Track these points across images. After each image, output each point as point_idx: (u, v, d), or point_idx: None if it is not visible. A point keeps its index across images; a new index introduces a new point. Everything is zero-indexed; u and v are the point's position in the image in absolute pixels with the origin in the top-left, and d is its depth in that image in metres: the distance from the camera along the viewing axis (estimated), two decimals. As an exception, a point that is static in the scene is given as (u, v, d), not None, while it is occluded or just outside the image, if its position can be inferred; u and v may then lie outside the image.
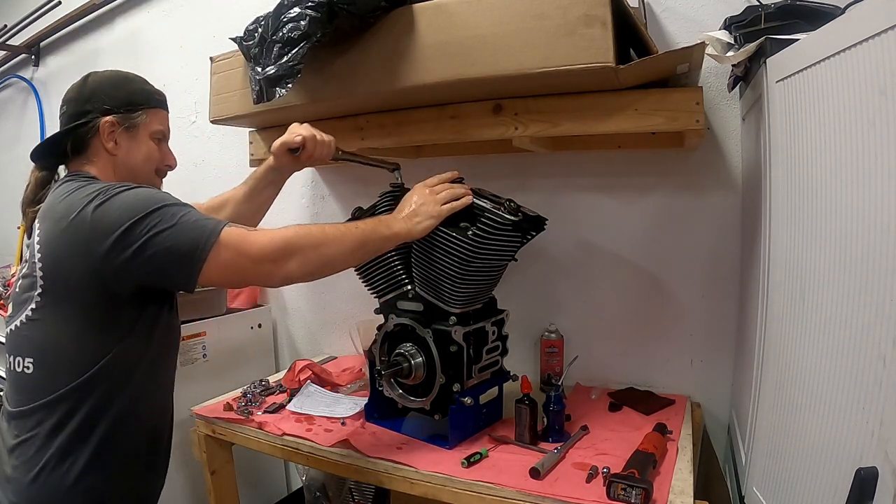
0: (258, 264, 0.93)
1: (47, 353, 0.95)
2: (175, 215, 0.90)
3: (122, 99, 1.05)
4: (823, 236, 0.78)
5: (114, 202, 0.90)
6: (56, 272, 0.93)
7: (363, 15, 1.15)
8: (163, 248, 0.88)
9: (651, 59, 1.05)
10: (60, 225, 0.92)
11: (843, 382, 0.71)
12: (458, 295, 1.17)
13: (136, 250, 0.88)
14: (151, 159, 1.10)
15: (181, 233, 0.89)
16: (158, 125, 1.10)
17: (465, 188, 1.17)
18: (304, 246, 0.96)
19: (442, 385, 1.19)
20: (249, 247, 0.93)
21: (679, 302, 1.49)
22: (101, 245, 0.88)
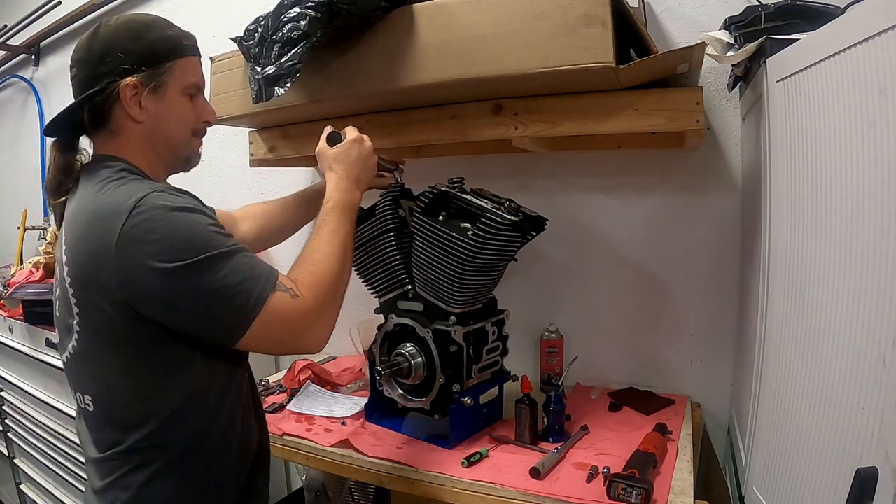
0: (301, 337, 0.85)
1: (102, 391, 0.85)
2: (221, 270, 0.77)
3: (142, 53, 0.86)
4: (823, 236, 0.78)
5: (159, 226, 0.76)
6: (88, 300, 0.80)
7: (363, 15, 1.15)
8: (200, 310, 0.78)
9: (651, 59, 1.05)
10: (86, 244, 0.79)
11: (843, 382, 0.71)
12: (459, 295, 1.17)
13: (173, 299, 0.77)
14: (186, 120, 0.93)
15: (224, 299, 0.78)
16: (191, 76, 0.92)
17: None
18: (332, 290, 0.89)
19: (442, 385, 1.19)
20: (291, 321, 0.83)
21: (679, 302, 1.49)
22: (128, 286, 0.76)
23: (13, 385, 2.17)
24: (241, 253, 0.81)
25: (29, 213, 2.69)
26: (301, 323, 0.84)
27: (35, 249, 2.37)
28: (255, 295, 0.79)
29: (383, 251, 1.28)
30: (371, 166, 1.09)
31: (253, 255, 0.84)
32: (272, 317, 0.80)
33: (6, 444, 2.32)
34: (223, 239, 0.81)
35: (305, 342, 0.87)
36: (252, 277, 0.80)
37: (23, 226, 2.64)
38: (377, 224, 1.28)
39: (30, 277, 2.06)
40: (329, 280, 0.89)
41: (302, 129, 1.52)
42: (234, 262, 0.79)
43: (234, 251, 0.80)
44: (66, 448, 1.90)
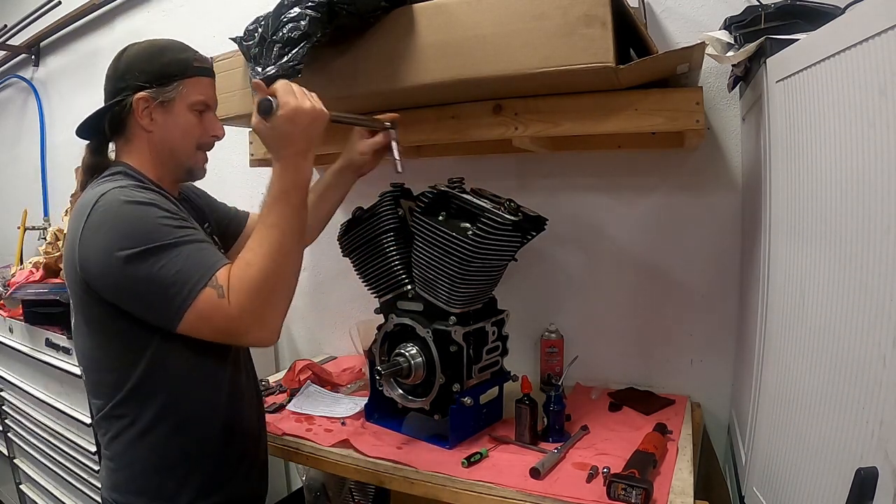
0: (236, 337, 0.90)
1: (87, 363, 0.98)
2: (159, 261, 0.84)
3: (154, 72, 0.97)
4: (823, 236, 0.78)
5: (103, 224, 0.86)
6: (70, 285, 0.94)
7: (363, 15, 1.15)
8: (138, 295, 0.86)
9: (651, 59, 1.05)
10: (67, 236, 0.93)
11: (843, 382, 0.71)
12: (458, 295, 1.17)
13: (114, 288, 0.87)
14: (190, 134, 1.01)
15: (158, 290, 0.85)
16: (198, 95, 1.00)
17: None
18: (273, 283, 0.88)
19: (442, 385, 1.19)
20: (220, 323, 0.86)
21: (679, 302, 1.49)
22: (86, 270, 0.88)
23: (13, 385, 2.17)
24: (185, 245, 0.87)
25: (29, 213, 2.69)
26: (227, 326, 0.87)
27: (35, 249, 2.37)
28: (187, 289, 0.85)
29: (383, 251, 1.28)
30: (319, 128, 0.93)
31: (201, 248, 0.89)
32: (200, 314, 0.86)
33: (6, 444, 2.32)
34: (170, 230, 0.87)
35: (241, 341, 0.93)
36: (187, 270, 0.85)
37: (23, 226, 2.64)
38: (377, 224, 1.28)
39: (30, 277, 2.06)
40: (258, 283, 0.86)
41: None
42: (174, 254, 0.85)
43: (178, 242, 0.86)
44: (66, 448, 1.90)
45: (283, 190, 0.91)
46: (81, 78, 2.64)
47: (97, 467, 1.76)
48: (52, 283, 2.00)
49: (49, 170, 2.95)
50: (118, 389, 0.94)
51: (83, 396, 1.73)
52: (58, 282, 2.01)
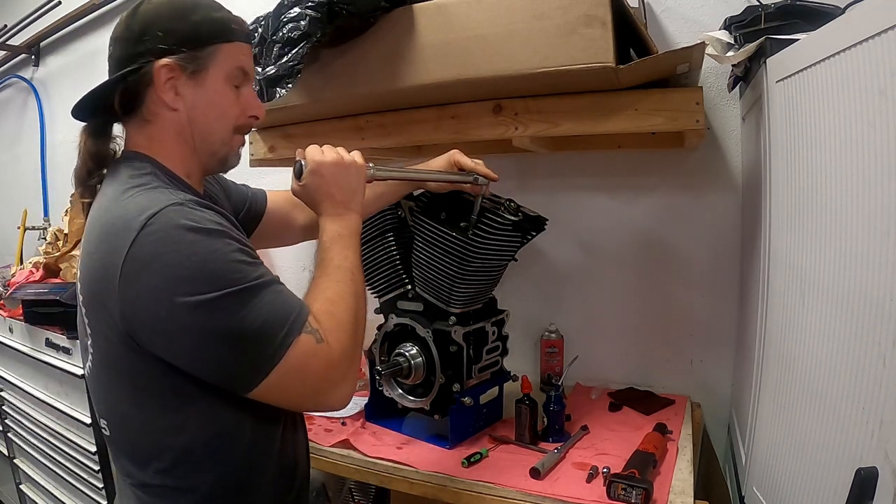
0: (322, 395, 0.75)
1: (115, 419, 0.77)
2: (240, 310, 0.67)
3: (183, 33, 0.75)
4: (823, 236, 0.78)
5: (158, 258, 0.65)
6: (96, 324, 0.72)
7: (363, 15, 1.15)
8: (210, 355, 0.68)
9: (651, 59, 1.05)
10: (94, 262, 0.70)
11: (843, 382, 0.71)
12: (458, 295, 1.17)
13: (171, 341, 0.67)
14: (228, 113, 0.80)
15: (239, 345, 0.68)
16: (237, 62, 0.80)
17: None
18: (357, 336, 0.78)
19: (442, 385, 1.19)
20: (313, 375, 0.72)
21: (679, 302, 1.49)
22: (130, 316, 0.67)
23: (13, 385, 2.17)
24: (267, 287, 0.70)
25: (29, 213, 2.69)
26: (326, 374, 0.73)
27: (35, 249, 2.37)
28: (279, 340, 0.68)
29: (383, 251, 1.28)
30: (353, 179, 0.89)
31: (282, 289, 0.72)
32: (294, 367, 0.70)
33: (6, 444, 2.32)
34: (248, 269, 0.69)
35: (328, 398, 0.75)
36: (277, 319, 0.69)
37: (23, 226, 2.64)
38: (377, 224, 1.28)
39: (30, 277, 2.06)
40: (349, 321, 0.77)
41: (302, 128, 1.52)
42: (258, 300, 0.68)
43: (259, 285, 0.69)
44: (66, 448, 1.90)
45: (338, 235, 0.84)
46: (81, 78, 2.64)
47: (97, 467, 1.76)
48: (52, 283, 2.00)
49: (49, 170, 2.95)
50: (158, 457, 0.74)
51: (83, 396, 1.73)
52: (58, 282, 2.01)
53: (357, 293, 0.81)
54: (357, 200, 0.89)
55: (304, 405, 0.80)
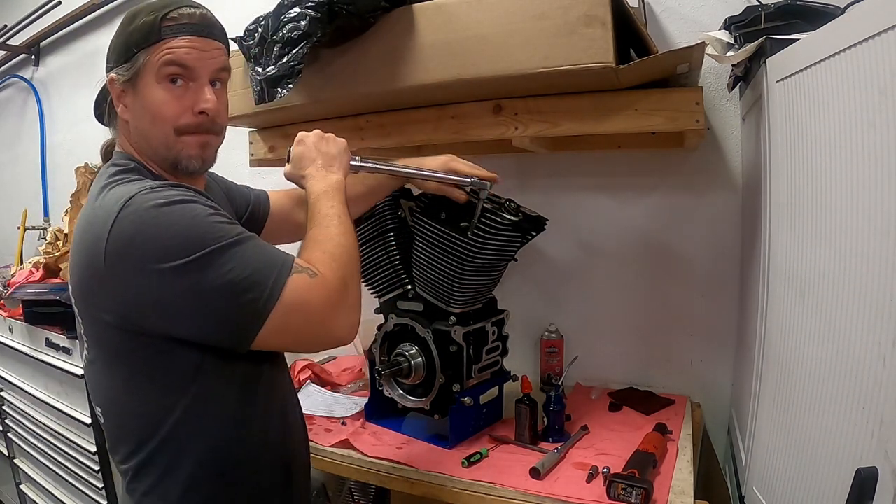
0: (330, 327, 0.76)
1: (108, 405, 0.80)
2: (226, 265, 0.69)
3: (118, 46, 0.78)
4: (823, 236, 0.78)
5: (138, 236, 0.68)
6: (87, 313, 0.76)
7: (363, 15, 1.15)
8: (208, 311, 0.70)
9: (651, 59, 1.05)
10: (80, 254, 0.73)
11: (843, 382, 0.71)
12: (458, 295, 1.17)
13: (167, 311, 0.69)
14: (163, 115, 0.78)
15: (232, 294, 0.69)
16: (165, 55, 0.76)
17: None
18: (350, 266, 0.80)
19: (442, 385, 1.19)
20: (317, 307, 0.74)
21: (679, 302, 1.49)
22: (121, 297, 0.70)
23: (13, 385, 2.17)
24: (249, 241, 0.73)
25: (29, 213, 2.69)
26: (327, 305, 0.74)
27: (35, 249, 2.37)
28: (270, 284, 0.70)
29: (383, 251, 1.28)
30: (334, 147, 0.94)
31: (265, 243, 0.75)
32: (292, 305, 0.71)
33: (6, 444, 2.32)
34: (227, 228, 0.72)
35: (334, 328, 0.76)
36: (264, 266, 0.71)
37: (23, 226, 2.64)
38: (377, 224, 1.28)
39: (30, 277, 2.06)
40: (345, 255, 0.79)
41: (302, 128, 1.52)
42: (242, 252, 0.71)
43: (241, 240, 0.72)
44: (66, 448, 1.90)
45: (322, 192, 0.87)
46: (81, 78, 2.64)
47: (97, 467, 1.76)
48: (52, 283, 2.00)
49: (49, 170, 2.95)
50: (148, 439, 0.77)
51: (83, 396, 1.73)
52: (58, 282, 2.01)
53: (345, 232, 0.83)
54: (338, 165, 0.93)
55: (312, 341, 0.79)
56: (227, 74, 0.86)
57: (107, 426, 0.82)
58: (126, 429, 0.79)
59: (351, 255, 0.81)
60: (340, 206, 0.86)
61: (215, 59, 0.81)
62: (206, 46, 0.79)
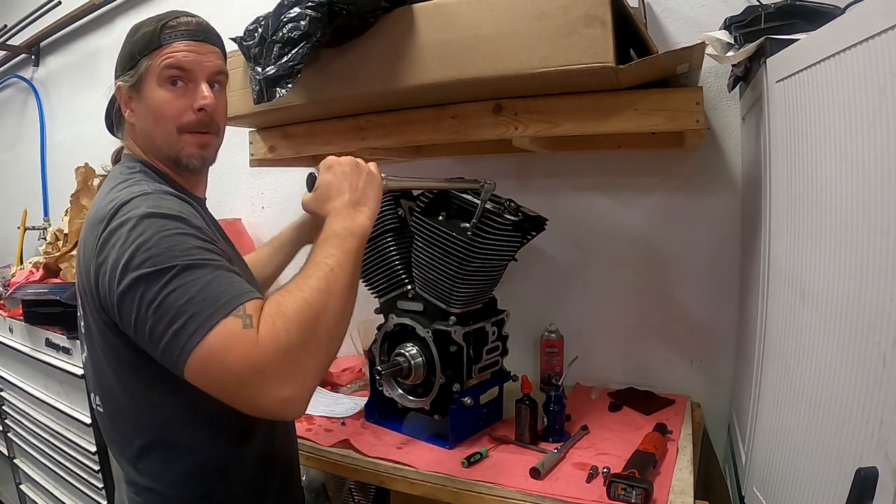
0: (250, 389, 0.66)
1: (108, 396, 0.82)
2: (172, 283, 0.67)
3: (124, 56, 0.85)
4: (823, 236, 0.78)
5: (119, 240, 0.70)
6: (85, 306, 0.79)
7: (363, 15, 1.15)
8: (149, 329, 0.68)
9: (651, 59, 1.05)
10: (81, 250, 0.79)
11: (843, 382, 0.71)
12: (458, 295, 1.17)
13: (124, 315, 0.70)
14: (163, 114, 0.83)
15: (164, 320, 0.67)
16: (165, 59, 0.82)
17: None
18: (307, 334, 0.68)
19: (442, 385, 1.19)
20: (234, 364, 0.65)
21: (679, 302, 1.49)
22: (102, 293, 0.72)
23: (13, 385, 2.17)
24: (206, 268, 0.69)
25: (29, 213, 2.69)
26: (247, 366, 0.65)
27: (35, 249, 2.37)
28: (201, 321, 0.65)
29: (383, 251, 1.28)
30: (366, 182, 0.86)
31: (230, 277, 0.70)
32: (212, 350, 0.65)
33: (6, 444, 2.32)
34: (193, 251, 0.70)
35: (258, 396, 0.66)
36: (206, 298, 0.67)
37: (23, 226, 2.64)
38: (377, 224, 1.28)
39: (30, 277, 2.06)
40: (298, 314, 0.68)
41: (302, 128, 1.52)
42: (193, 278, 0.68)
43: (202, 265, 0.69)
44: (66, 448, 1.90)
45: (333, 233, 0.78)
46: (81, 78, 2.64)
47: (97, 467, 1.76)
48: (52, 283, 2.00)
49: (49, 170, 2.95)
50: (147, 429, 0.79)
51: (83, 396, 1.73)
52: (58, 282, 2.01)
53: (326, 289, 0.72)
54: (369, 205, 0.84)
55: (232, 398, 0.68)
56: (224, 77, 0.90)
57: (105, 416, 0.84)
58: (122, 421, 0.81)
59: (315, 318, 0.69)
60: (342, 255, 0.76)
61: (212, 61, 0.87)
62: (202, 50, 0.85)
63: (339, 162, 0.86)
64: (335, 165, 0.85)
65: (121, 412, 0.81)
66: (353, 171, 0.85)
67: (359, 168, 0.86)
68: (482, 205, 1.13)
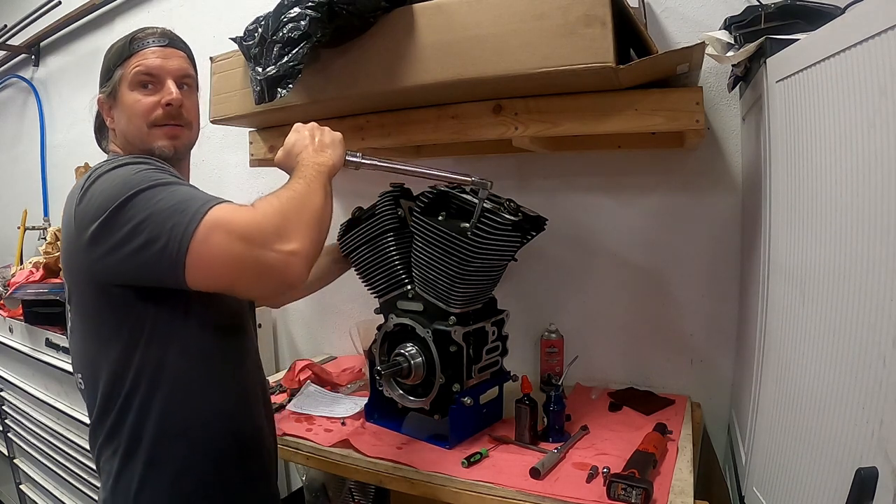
0: (257, 246, 0.74)
1: (87, 366, 0.89)
2: (151, 200, 0.76)
3: (103, 71, 0.97)
4: (823, 236, 0.78)
5: (93, 192, 0.80)
6: (69, 276, 0.88)
7: (363, 15, 1.15)
8: (139, 245, 0.75)
9: (651, 59, 1.05)
10: (64, 219, 0.87)
11: (843, 382, 0.71)
12: (458, 295, 1.17)
13: (113, 249, 0.76)
14: (135, 112, 0.93)
15: (157, 223, 0.74)
16: (134, 67, 0.92)
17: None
18: (295, 209, 0.80)
19: (442, 385, 1.19)
20: (239, 225, 0.74)
21: (679, 302, 1.49)
22: (83, 243, 0.79)
23: (13, 385, 2.17)
24: (185, 185, 0.81)
25: (29, 213, 2.69)
26: (251, 226, 0.75)
27: (35, 249, 2.37)
28: (194, 210, 0.74)
29: (383, 251, 1.28)
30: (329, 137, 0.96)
31: (199, 190, 0.82)
32: (213, 223, 0.74)
33: (6, 444, 2.32)
34: (162, 176, 0.80)
35: (264, 251, 0.74)
36: (192, 198, 0.76)
37: (23, 226, 2.64)
38: (377, 224, 1.28)
39: (30, 277, 2.06)
40: (288, 198, 0.81)
41: (302, 128, 1.52)
42: (174, 189, 0.78)
43: (177, 183, 0.80)
44: (66, 448, 1.90)
45: (301, 165, 0.89)
46: (81, 78, 2.64)
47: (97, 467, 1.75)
48: (52, 283, 2.00)
49: (49, 170, 2.95)
50: (116, 394, 0.85)
51: (83, 396, 1.73)
52: (58, 282, 2.01)
53: (306, 188, 0.84)
54: (331, 153, 0.93)
55: (239, 265, 0.75)
56: (191, 80, 1.00)
57: (86, 392, 0.90)
58: (98, 386, 0.86)
59: (301, 202, 0.81)
60: (315, 175, 0.87)
61: (177, 64, 0.97)
62: (168, 54, 0.96)
63: (304, 125, 0.98)
64: (299, 128, 0.97)
65: (99, 379, 0.86)
66: (315, 129, 0.97)
67: (321, 129, 0.97)
68: (480, 204, 1.13)
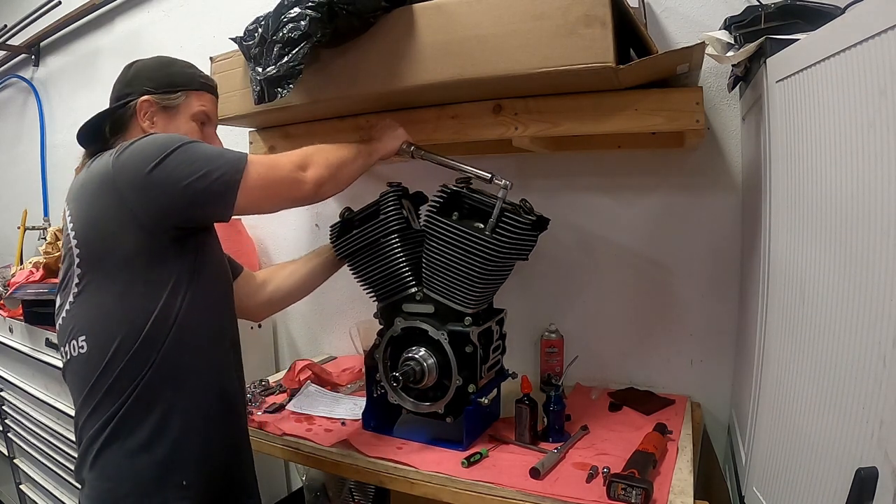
0: (290, 173, 0.99)
1: (97, 323, 0.93)
2: (199, 147, 0.93)
3: (162, 80, 1.05)
4: (823, 236, 0.78)
5: (138, 146, 0.90)
6: (91, 236, 0.93)
7: (363, 15, 1.15)
8: (199, 176, 0.89)
9: (651, 59, 1.05)
10: (89, 189, 0.93)
11: (843, 382, 0.71)
12: (475, 295, 1.16)
13: (172, 183, 0.88)
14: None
15: (210, 160, 0.91)
16: (201, 106, 1.08)
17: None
18: (319, 152, 1.05)
19: (459, 387, 1.18)
20: (276, 161, 1.00)
21: (679, 302, 1.49)
22: (131, 189, 0.89)
23: (13, 385, 2.17)
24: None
25: (29, 213, 2.69)
26: (295, 164, 1.01)
27: (35, 249, 2.37)
28: (237, 154, 0.95)
29: (388, 253, 1.25)
30: (387, 126, 1.24)
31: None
32: (254, 160, 0.96)
33: (6, 444, 2.32)
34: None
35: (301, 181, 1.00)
36: (229, 150, 0.97)
37: (23, 226, 2.64)
38: (381, 226, 1.25)
39: (30, 277, 2.05)
40: (324, 147, 1.07)
41: (302, 128, 1.52)
42: (211, 145, 0.97)
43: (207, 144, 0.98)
44: (66, 448, 1.90)
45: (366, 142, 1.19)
46: (81, 78, 2.64)
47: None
48: (52, 283, 2.00)
49: (49, 170, 2.95)
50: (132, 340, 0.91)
51: (83, 396, 1.73)
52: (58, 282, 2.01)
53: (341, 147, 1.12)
54: (378, 142, 1.21)
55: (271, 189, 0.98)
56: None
57: (88, 353, 0.93)
58: (111, 340, 0.91)
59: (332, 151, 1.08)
60: (363, 148, 1.16)
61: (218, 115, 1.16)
62: (217, 104, 1.14)
63: (384, 123, 1.26)
64: (383, 124, 1.26)
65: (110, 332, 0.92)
66: (385, 127, 1.25)
67: (392, 124, 1.25)
68: (500, 203, 1.13)
